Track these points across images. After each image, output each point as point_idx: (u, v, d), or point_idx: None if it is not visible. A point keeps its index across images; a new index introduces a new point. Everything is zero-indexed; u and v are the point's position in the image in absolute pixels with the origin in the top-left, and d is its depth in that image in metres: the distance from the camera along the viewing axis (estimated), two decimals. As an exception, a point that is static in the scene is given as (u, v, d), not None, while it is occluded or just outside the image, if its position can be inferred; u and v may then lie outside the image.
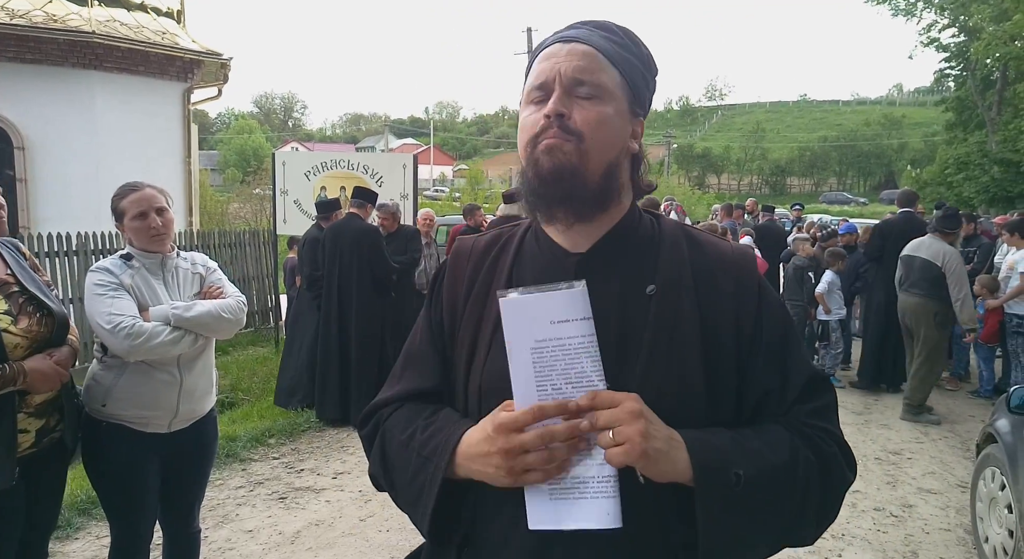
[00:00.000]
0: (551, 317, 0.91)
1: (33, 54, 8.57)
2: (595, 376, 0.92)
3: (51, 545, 3.48)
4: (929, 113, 59.58)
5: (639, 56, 1.10)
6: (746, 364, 1.06)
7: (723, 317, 1.05)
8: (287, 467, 4.75)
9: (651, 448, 0.89)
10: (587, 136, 1.01)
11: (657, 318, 1.03)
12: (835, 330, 7.15)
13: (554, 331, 0.91)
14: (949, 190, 21.20)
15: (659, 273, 1.06)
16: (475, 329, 1.11)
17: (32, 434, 2.12)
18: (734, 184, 63.02)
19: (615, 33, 1.09)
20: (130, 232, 2.38)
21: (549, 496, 0.93)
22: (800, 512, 1.00)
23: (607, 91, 1.04)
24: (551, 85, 1.03)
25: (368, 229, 5.70)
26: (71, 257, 6.92)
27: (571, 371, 0.92)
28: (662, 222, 1.14)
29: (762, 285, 1.10)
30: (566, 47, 1.05)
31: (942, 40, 24.16)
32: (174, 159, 10.08)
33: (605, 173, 1.04)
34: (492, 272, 1.14)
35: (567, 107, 1.02)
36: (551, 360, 0.92)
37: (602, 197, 1.05)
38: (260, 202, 19.21)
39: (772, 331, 1.08)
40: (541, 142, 1.03)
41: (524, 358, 0.93)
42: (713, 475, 0.93)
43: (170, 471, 2.46)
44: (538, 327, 0.92)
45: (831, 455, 1.04)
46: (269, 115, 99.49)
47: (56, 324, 2.15)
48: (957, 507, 4.26)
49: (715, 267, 1.08)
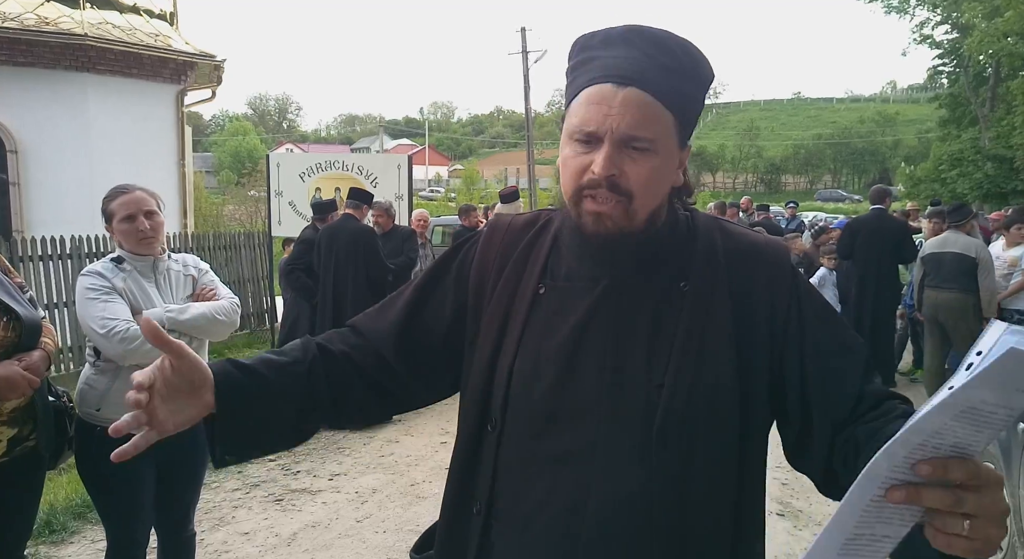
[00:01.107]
0: (1020, 385, 0.66)
1: (25, 57, 8.53)
2: (977, 447, 0.71)
3: (46, 550, 3.48)
4: (923, 110, 59.79)
5: (697, 79, 1.03)
6: (785, 353, 1.03)
7: (757, 310, 1.04)
8: (283, 469, 4.74)
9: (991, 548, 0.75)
10: (637, 195, 0.99)
11: (691, 314, 1.02)
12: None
13: (1011, 399, 0.67)
14: (943, 187, 21.29)
15: (692, 268, 1.06)
16: (505, 314, 1.10)
17: (4, 443, 2.07)
18: (729, 182, 63.17)
19: (674, 55, 0.99)
20: (119, 234, 2.36)
21: (840, 550, 0.77)
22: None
23: (660, 143, 0.99)
24: (600, 136, 0.97)
25: (364, 230, 5.70)
26: (65, 261, 6.90)
27: (967, 437, 0.70)
28: (696, 216, 1.14)
29: (795, 274, 1.09)
30: (620, 94, 0.96)
31: (935, 37, 24.28)
32: (168, 161, 10.05)
33: (650, 219, 1.03)
34: (527, 255, 1.13)
35: (617, 166, 0.97)
36: (967, 423, 0.69)
37: (643, 239, 1.04)
38: (255, 204, 19.20)
39: (811, 313, 1.06)
40: (588, 201, 1.00)
41: (949, 405, 0.68)
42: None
43: (165, 474, 2.44)
44: (1007, 388, 0.66)
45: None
46: (263, 117, 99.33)
47: (24, 328, 2.09)
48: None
49: (749, 259, 1.08)
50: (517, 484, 1.04)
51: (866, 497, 0.73)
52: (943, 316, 6.06)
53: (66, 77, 8.79)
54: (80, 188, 8.45)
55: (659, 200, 1.04)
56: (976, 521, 0.71)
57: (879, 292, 6.70)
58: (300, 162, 8.15)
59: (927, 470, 0.70)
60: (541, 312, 1.08)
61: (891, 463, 0.71)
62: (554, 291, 1.09)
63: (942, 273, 5.99)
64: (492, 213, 8.87)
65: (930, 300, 6.15)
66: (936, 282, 6.06)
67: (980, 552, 0.72)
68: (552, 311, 1.07)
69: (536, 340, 1.06)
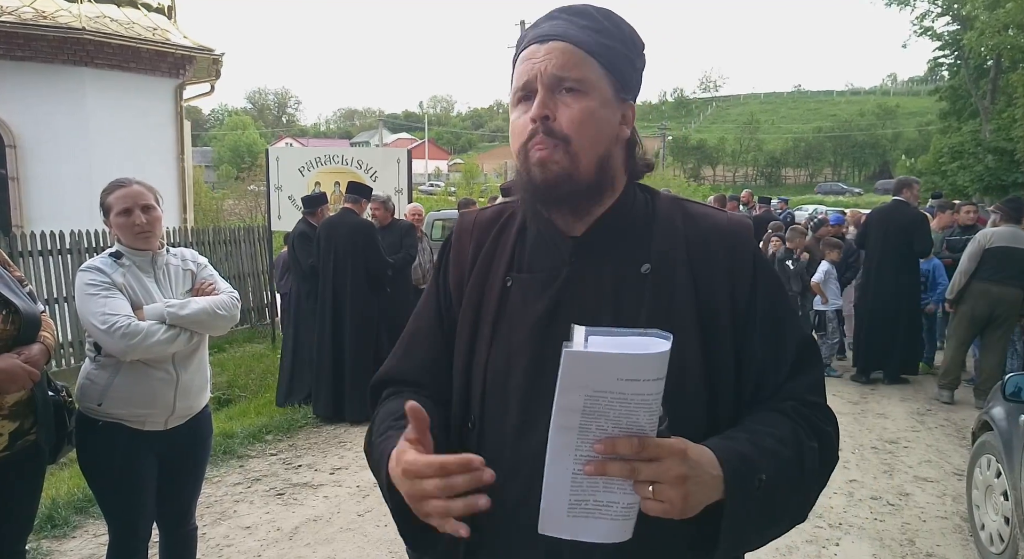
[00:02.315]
0: (620, 375, 0.81)
1: (23, 51, 8.51)
2: (647, 426, 0.85)
3: (48, 544, 3.49)
4: (923, 102, 59.68)
5: (621, 38, 1.08)
6: (742, 337, 1.06)
7: (719, 292, 1.06)
8: (284, 463, 4.75)
9: (691, 507, 0.88)
10: (574, 138, 1.02)
11: (653, 297, 1.04)
12: (832, 320, 7.17)
13: (619, 386, 0.82)
14: (943, 179, 21.27)
15: (653, 251, 1.07)
16: (477, 308, 1.11)
17: (5, 437, 2.07)
18: (729, 176, 63.01)
19: (593, 18, 1.06)
20: (116, 228, 2.35)
21: (568, 513, 0.89)
22: (806, 499, 1.04)
23: (589, 84, 1.03)
24: (533, 85, 1.03)
25: (363, 224, 5.68)
26: (64, 256, 6.90)
27: (623, 420, 0.84)
28: (657, 198, 1.15)
29: (756, 255, 1.11)
30: (544, 47, 1.04)
31: (936, 29, 24.21)
32: (167, 156, 10.03)
33: (598, 167, 1.05)
34: (494, 248, 1.15)
35: (551, 108, 1.02)
36: (605, 408, 0.83)
37: (595, 190, 1.06)
38: (255, 198, 19.18)
39: (766, 303, 1.08)
40: (532, 151, 1.03)
41: (574, 400, 0.83)
42: (742, 489, 0.93)
43: (167, 468, 2.44)
44: (602, 379, 0.81)
45: (828, 436, 1.06)
46: (263, 111, 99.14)
47: (23, 322, 2.09)
48: (953, 495, 4.27)
49: (710, 239, 1.09)
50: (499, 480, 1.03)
51: (566, 468, 0.86)
52: (1001, 310, 5.91)
53: (64, 71, 8.76)
54: (79, 183, 8.44)
55: (602, 146, 1.05)
56: (658, 486, 0.85)
57: (897, 282, 6.57)
58: (299, 156, 8.13)
59: (599, 448, 0.85)
60: (509, 305, 1.09)
61: (564, 441, 0.85)
62: (519, 283, 1.10)
63: (1009, 268, 5.79)
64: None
65: (987, 294, 5.90)
66: (999, 276, 5.83)
67: (670, 512, 0.86)
68: (519, 303, 1.08)
69: (507, 334, 1.07)
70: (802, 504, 1.03)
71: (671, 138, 59.95)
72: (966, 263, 6.02)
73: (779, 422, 1.03)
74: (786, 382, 1.07)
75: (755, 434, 1.00)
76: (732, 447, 0.96)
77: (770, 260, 7.43)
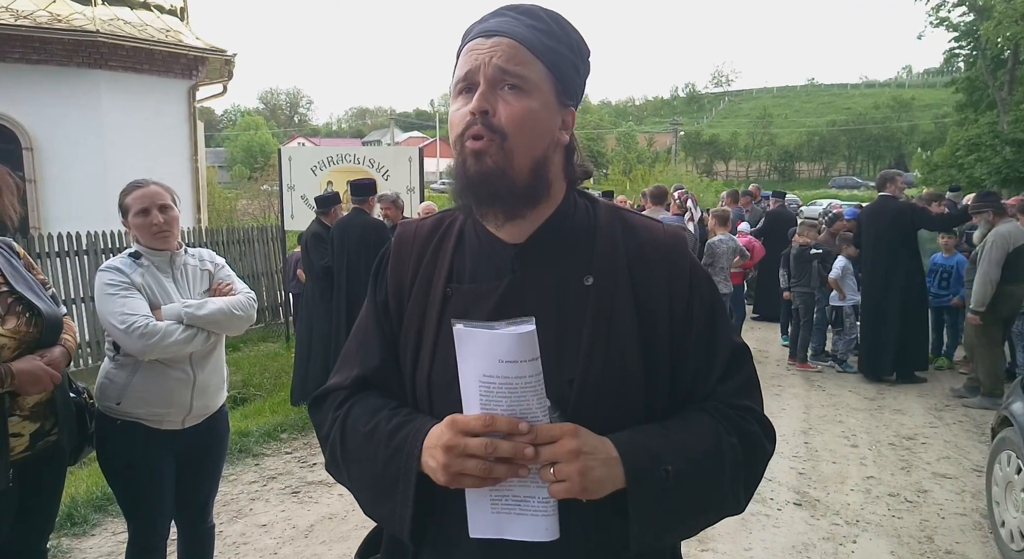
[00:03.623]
0: (499, 356, 0.90)
1: (38, 54, 8.60)
2: (540, 412, 0.93)
3: (68, 542, 3.53)
4: (939, 94, 58.94)
5: (567, 43, 1.07)
6: (679, 345, 1.09)
7: (658, 303, 1.08)
8: (299, 462, 4.77)
9: (590, 482, 0.92)
10: (511, 134, 1.01)
11: (595, 309, 1.04)
12: (849, 316, 7.11)
13: (502, 369, 0.90)
14: (960, 172, 20.99)
15: (595, 263, 1.07)
16: (420, 320, 1.11)
17: (26, 438, 2.09)
18: (742, 170, 62.67)
19: (541, 19, 1.06)
20: (134, 229, 2.38)
21: (491, 509, 0.95)
22: (726, 492, 1.04)
23: (531, 83, 1.03)
24: (475, 78, 1.03)
25: (374, 224, 5.69)
26: (81, 257, 6.97)
27: (517, 408, 0.92)
28: (598, 208, 1.15)
29: (693, 266, 1.13)
30: (489, 41, 1.03)
31: (952, 19, 23.88)
32: (181, 157, 10.11)
33: (532, 169, 1.04)
34: (435, 260, 1.14)
35: (491, 103, 1.01)
36: (497, 395, 0.92)
37: (530, 193, 1.05)
38: (268, 198, 19.26)
39: (701, 312, 1.10)
40: (467, 142, 1.02)
41: (472, 388, 0.93)
42: (644, 476, 0.96)
43: (184, 467, 2.47)
44: (486, 362, 0.91)
45: (752, 434, 1.08)
46: (275, 111, 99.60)
47: (46, 325, 2.11)
48: (973, 491, 4.23)
49: (648, 252, 1.10)
50: (449, 497, 1.02)
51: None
52: (1016, 309, 5.83)
53: (79, 74, 8.85)
54: (94, 184, 8.53)
55: (539, 147, 1.04)
56: (557, 466, 0.92)
57: (892, 280, 6.46)
58: (312, 156, 8.15)
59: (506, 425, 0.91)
60: (451, 315, 1.06)
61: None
62: (460, 293, 1.09)
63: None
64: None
65: (1012, 296, 5.76)
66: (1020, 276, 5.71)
67: (572, 489, 0.92)
68: (460, 314, 1.06)
69: (449, 346, 1.02)
70: (728, 496, 1.04)
71: (683, 133, 59.68)
72: (995, 270, 5.71)
73: (697, 418, 1.06)
74: (716, 387, 1.10)
75: (666, 427, 1.03)
76: (632, 436, 0.99)
77: (790, 255, 7.39)
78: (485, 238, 1.11)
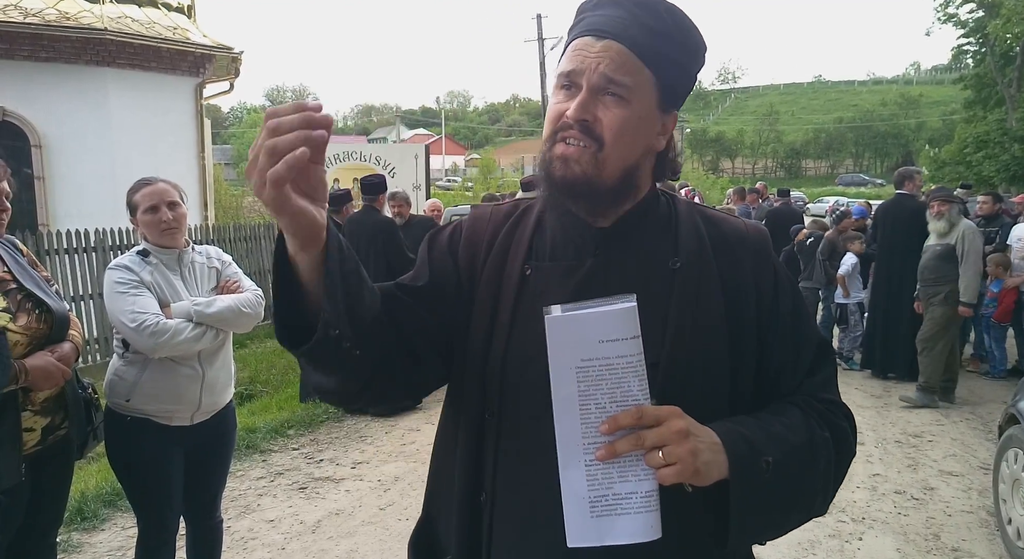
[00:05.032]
0: (600, 336, 0.86)
1: (47, 52, 8.64)
2: (640, 395, 0.88)
3: (78, 536, 3.56)
4: (947, 91, 58.65)
5: (683, 45, 1.04)
6: (764, 338, 1.07)
7: (744, 292, 1.06)
8: (307, 457, 4.80)
9: (701, 464, 0.89)
10: (607, 143, 1.00)
11: (682, 292, 1.03)
12: (854, 313, 7.09)
13: (602, 350, 0.86)
14: (968, 169, 20.90)
15: (680, 248, 1.07)
16: (493, 302, 1.08)
17: (38, 432, 2.13)
18: (748, 168, 62.48)
19: (660, 19, 1.02)
20: (142, 226, 2.39)
21: (590, 513, 0.89)
22: (818, 488, 1.03)
23: (635, 92, 1.00)
24: (579, 79, 1.01)
25: (384, 222, 5.71)
26: (89, 254, 7.00)
27: (617, 391, 0.88)
28: (677, 201, 1.15)
29: (776, 260, 1.14)
30: (599, 44, 1.00)
31: (960, 16, 23.75)
32: (188, 154, 10.14)
33: (622, 177, 1.03)
34: (510, 240, 1.12)
35: (590, 112, 1.00)
36: (596, 379, 0.87)
37: (616, 194, 1.05)
38: (274, 195, 19.25)
39: (787, 306, 1.10)
40: (559, 143, 1.02)
41: (567, 377, 0.88)
42: (747, 465, 0.93)
43: (192, 463, 2.49)
44: (585, 346, 0.87)
45: (842, 430, 1.07)
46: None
47: (55, 321, 2.14)
48: (979, 489, 4.22)
49: (733, 243, 1.10)
50: (519, 473, 1.02)
51: (579, 461, 0.88)
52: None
53: (87, 72, 8.88)
54: (102, 181, 8.56)
55: (633, 156, 1.03)
56: (666, 448, 0.87)
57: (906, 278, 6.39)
58: (318, 153, 8.17)
59: (604, 428, 0.87)
60: (529, 294, 1.06)
61: (570, 427, 0.88)
62: (540, 271, 1.08)
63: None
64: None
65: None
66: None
67: (684, 473, 0.87)
68: (540, 292, 1.05)
69: (527, 323, 1.03)
70: (819, 493, 1.03)
71: (689, 130, 59.50)
72: (981, 262, 5.88)
73: (789, 411, 1.05)
74: (804, 379, 1.09)
75: (763, 420, 1.01)
76: (732, 427, 0.97)
77: (795, 249, 7.38)
78: (569, 218, 1.08)
